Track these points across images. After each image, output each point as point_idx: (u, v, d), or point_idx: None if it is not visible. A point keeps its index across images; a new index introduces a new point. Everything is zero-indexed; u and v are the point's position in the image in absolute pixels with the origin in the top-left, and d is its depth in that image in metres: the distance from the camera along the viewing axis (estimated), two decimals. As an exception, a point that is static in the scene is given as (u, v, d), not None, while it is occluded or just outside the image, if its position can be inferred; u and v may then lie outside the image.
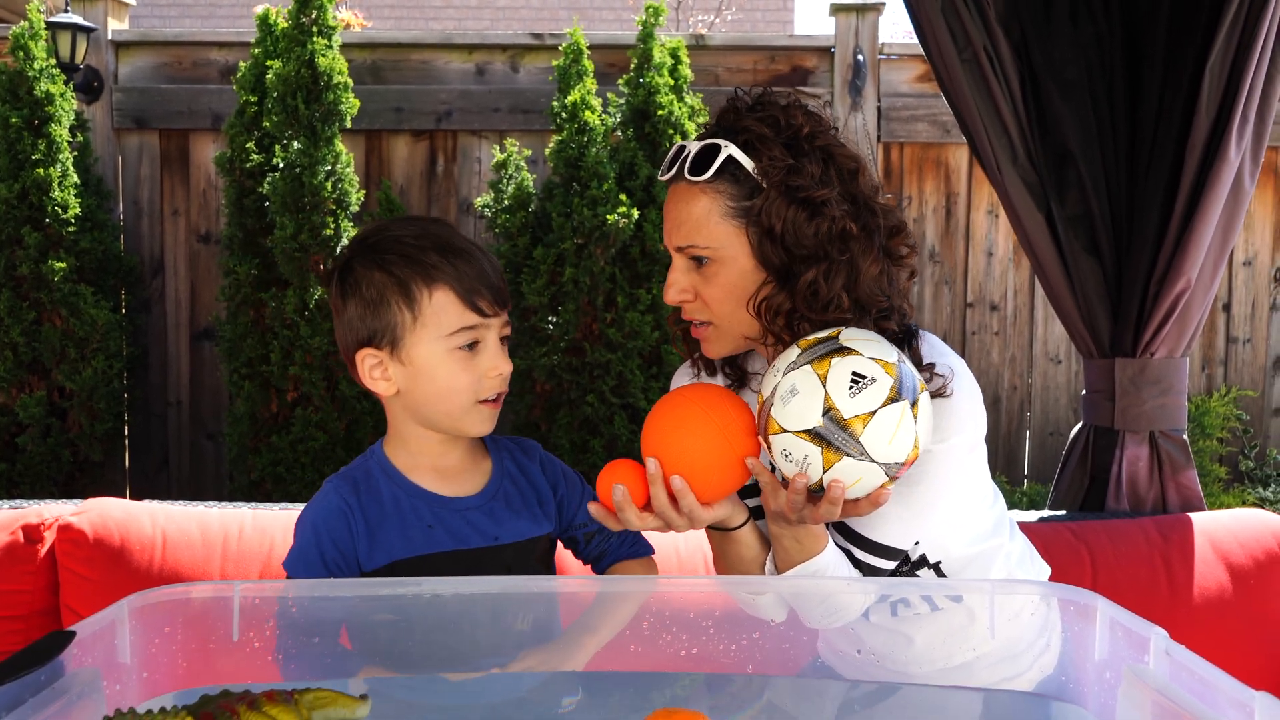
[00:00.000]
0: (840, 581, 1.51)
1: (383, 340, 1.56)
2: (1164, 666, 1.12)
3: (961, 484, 1.64)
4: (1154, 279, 2.58)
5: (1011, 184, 2.64)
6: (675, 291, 1.59)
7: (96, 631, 1.16)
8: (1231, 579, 2.37)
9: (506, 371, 1.58)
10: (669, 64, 4.50)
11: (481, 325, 1.55)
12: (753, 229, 1.54)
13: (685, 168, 1.56)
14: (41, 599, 2.29)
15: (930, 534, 1.62)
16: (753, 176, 1.54)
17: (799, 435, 1.38)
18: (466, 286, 1.54)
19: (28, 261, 4.40)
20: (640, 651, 1.30)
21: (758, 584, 1.50)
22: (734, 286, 1.57)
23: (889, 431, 1.36)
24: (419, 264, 1.54)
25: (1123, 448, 2.66)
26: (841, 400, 1.36)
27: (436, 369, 1.54)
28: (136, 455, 5.09)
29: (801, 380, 1.39)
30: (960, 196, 5.13)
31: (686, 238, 1.56)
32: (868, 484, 1.40)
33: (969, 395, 1.60)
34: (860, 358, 1.38)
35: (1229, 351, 5.19)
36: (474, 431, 1.60)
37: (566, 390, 4.37)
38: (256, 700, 1.14)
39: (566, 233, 4.27)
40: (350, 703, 1.19)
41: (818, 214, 1.52)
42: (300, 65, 4.31)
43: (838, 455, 1.37)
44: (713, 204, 1.55)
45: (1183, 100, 2.54)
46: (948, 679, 1.58)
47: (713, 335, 1.61)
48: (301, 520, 1.59)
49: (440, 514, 1.58)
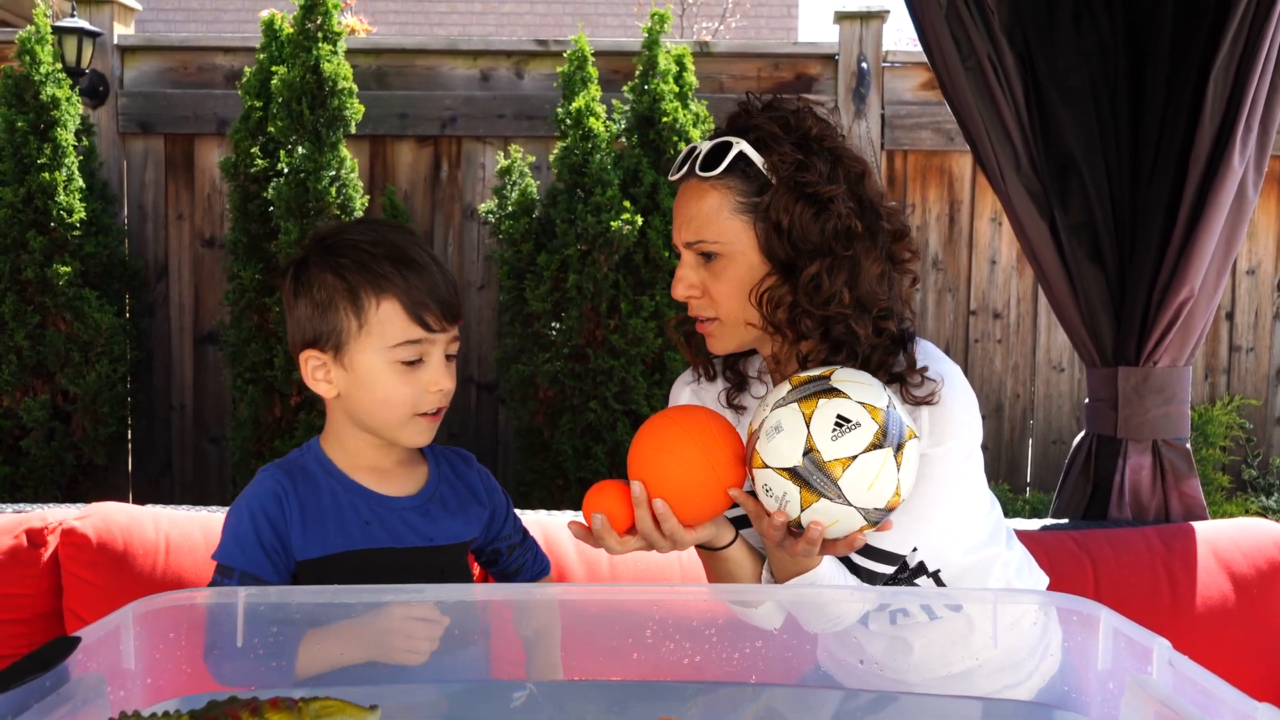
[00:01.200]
0: (842, 590, 1.50)
1: (327, 343, 1.55)
2: (1167, 677, 1.12)
3: (958, 489, 1.64)
4: (1157, 287, 2.58)
5: (1015, 192, 2.64)
6: (683, 287, 1.61)
7: (101, 637, 1.16)
8: (1234, 588, 2.37)
9: (447, 388, 1.57)
10: (674, 71, 4.51)
11: (426, 340, 1.55)
12: (760, 224, 1.56)
13: (696, 165, 1.59)
14: (44, 603, 2.29)
15: (928, 540, 1.62)
16: (762, 173, 1.56)
17: (779, 472, 1.39)
18: (414, 300, 1.53)
19: (33, 265, 4.41)
20: (642, 659, 1.30)
21: (757, 592, 1.50)
22: (741, 281, 1.58)
23: (869, 478, 1.36)
24: (370, 272, 1.53)
25: (1125, 456, 2.66)
26: (823, 442, 1.36)
27: (377, 379, 1.54)
28: (140, 459, 5.09)
29: (787, 418, 1.39)
30: (964, 204, 5.14)
31: (696, 233, 1.58)
32: (845, 526, 1.40)
33: (963, 402, 1.61)
34: (847, 400, 1.38)
35: (1232, 360, 5.18)
36: (411, 443, 1.60)
37: (569, 396, 4.37)
38: (260, 707, 1.14)
39: (570, 239, 4.27)
40: (358, 712, 1.19)
41: (824, 211, 1.55)
42: (305, 71, 4.32)
43: (816, 496, 1.37)
44: (723, 200, 1.57)
45: (1186, 109, 2.54)
46: (947, 687, 1.58)
47: (718, 331, 1.63)
48: (236, 508, 1.58)
49: (378, 511, 1.59)
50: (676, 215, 1.63)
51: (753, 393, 1.74)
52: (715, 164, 1.57)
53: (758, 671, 1.35)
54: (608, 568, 2.17)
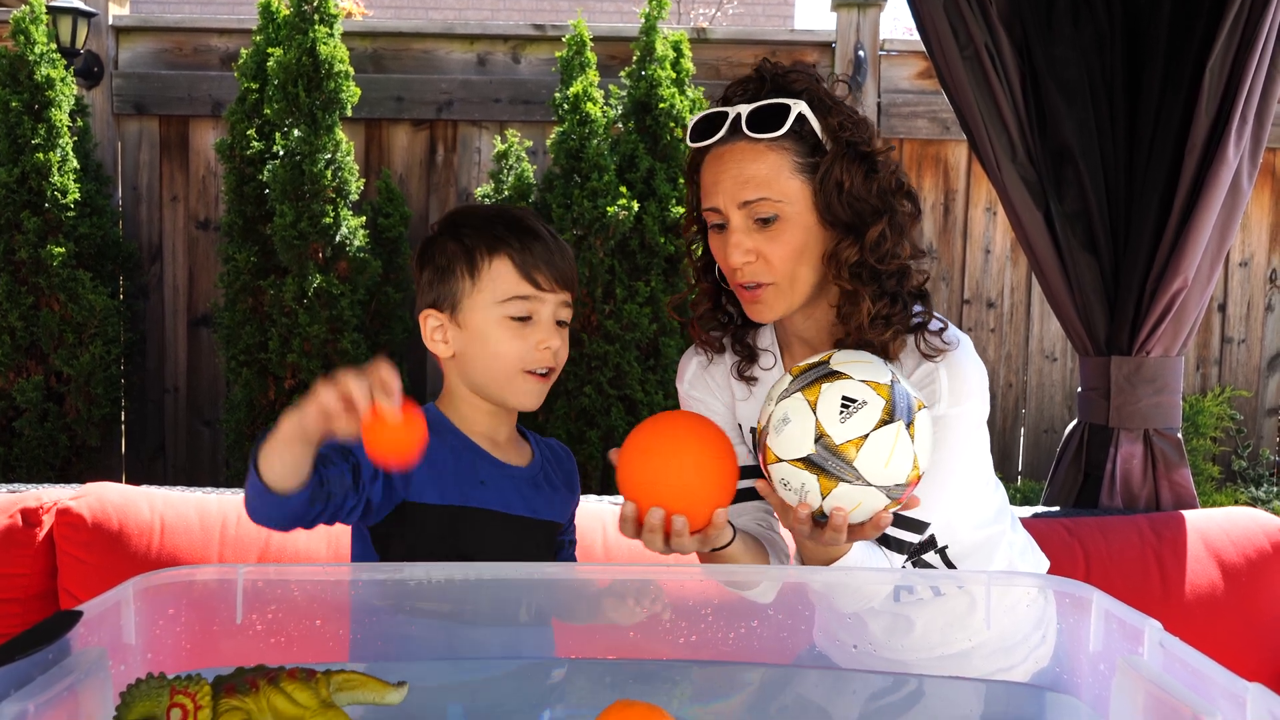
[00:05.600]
0: (839, 574, 1.51)
1: (445, 303, 1.64)
2: (1158, 658, 1.13)
3: (973, 454, 1.66)
4: (1151, 277, 2.60)
5: (1010, 181, 2.65)
6: (740, 253, 1.58)
7: (102, 612, 1.17)
8: (1224, 577, 2.39)
9: (555, 346, 1.63)
10: (671, 57, 4.51)
11: (535, 298, 1.61)
12: (819, 186, 1.56)
13: (744, 125, 1.57)
14: (39, 582, 2.30)
15: (944, 507, 1.63)
16: (816, 135, 1.57)
17: (794, 464, 1.37)
18: (525, 259, 1.61)
19: (27, 246, 4.40)
20: (639, 639, 1.31)
21: (757, 573, 1.51)
22: (799, 243, 1.58)
23: (884, 454, 1.35)
24: (487, 235, 1.62)
25: (1117, 445, 2.67)
26: (832, 426, 1.35)
27: (488, 334, 1.61)
28: (133, 441, 5.09)
29: (793, 408, 1.38)
30: (959, 193, 5.15)
31: (755, 192, 1.56)
32: (869, 508, 1.38)
33: (976, 365, 1.63)
34: (851, 381, 1.37)
35: (1224, 351, 5.21)
36: (520, 402, 1.64)
37: (564, 381, 4.38)
38: (277, 676, 1.15)
39: (566, 224, 4.27)
40: (381, 688, 1.19)
41: (874, 170, 1.58)
42: (301, 53, 4.31)
43: (834, 482, 1.36)
44: (781, 160, 1.56)
45: (1182, 100, 2.54)
46: (945, 668, 1.59)
47: (772, 296, 1.60)
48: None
49: (494, 474, 1.64)
50: (722, 179, 1.58)
51: (762, 364, 1.74)
52: (773, 125, 1.56)
53: (753, 651, 1.35)
54: (601, 549, 2.18)
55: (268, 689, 1.13)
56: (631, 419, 4.33)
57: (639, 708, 1.24)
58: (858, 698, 1.45)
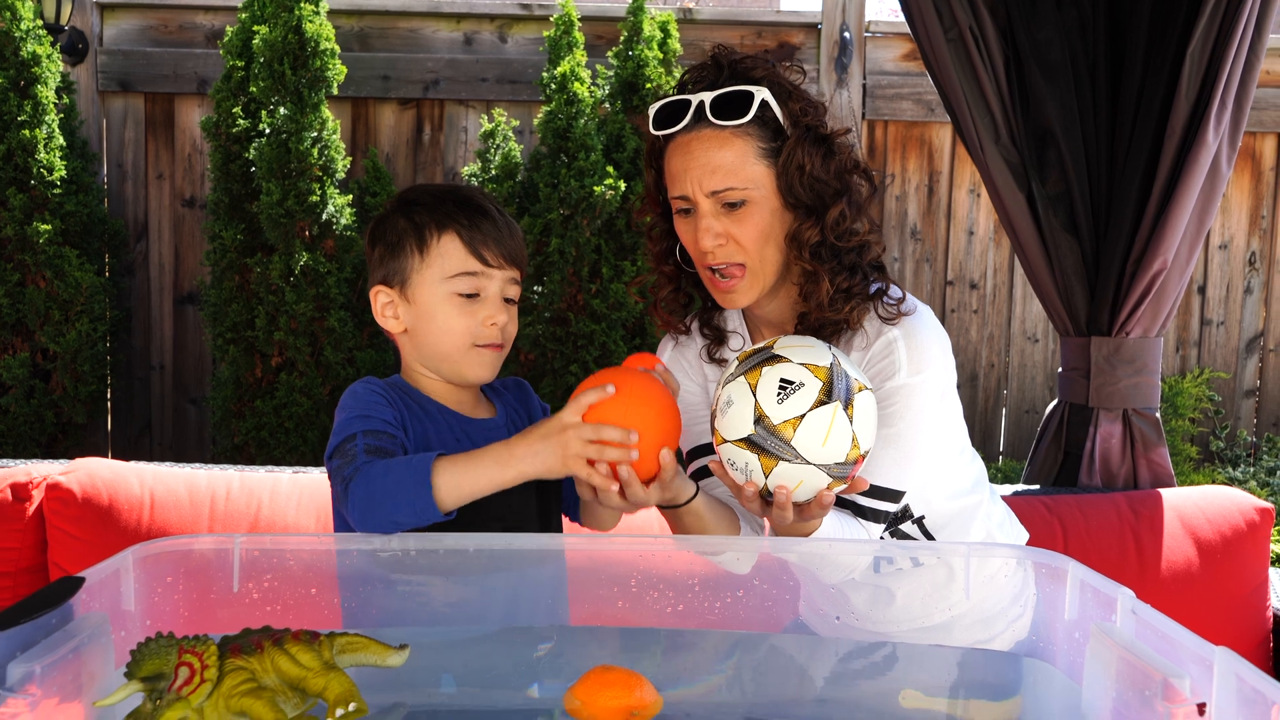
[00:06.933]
0: (842, 543, 1.54)
1: (394, 279, 1.66)
2: (1130, 625, 1.17)
3: (938, 422, 1.70)
4: (1131, 259, 2.63)
5: (993, 163, 2.68)
6: (711, 238, 1.62)
7: (103, 579, 1.19)
8: (1199, 553, 2.43)
9: (501, 322, 1.64)
10: (658, 37, 4.51)
11: (482, 274, 1.63)
12: (781, 169, 1.61)
13: (708, 113, 1.61)
14: (29, 556, 2.32)
15: (913, 477, 1.67)
16: (778, 120, 1.62)
17: (737, 444, 1.43)
18: (473, 236, 1.63)
19: (12, 223, 4.39)
20: (627, 608, 1.34)
21: (729, 544, 1.54)
22: (766, 226, 1.63)
23: (821, 433, 1.39)
24: (436, 212, 1.64)
25: (1097, 425, 2.71)
26: (770, 406, 1.40)
27: (436, 309, 1.63)
28: (119, 418, 5.10)
29: (736, 391, 1.43)
30: (943, 175, 5.18)
31: (723, 181, 1.61)
32: (811, 486, 1.43)
33: (935, 335, 1.68)
34: (789, 364, 1.42)
35: (1203, 333, 5.26)
36: (473, 377, 1.66)
37: (550, 360, 4.40)
38: (281, 638, 1.17)
39: (553, 203, 4.29)
40: (383, 650, 1.22)
41: (832, 152, 1.63)
42: (287, 30, 4.30)
43: (774, 460, 1.41)
44: (746, 147, 1.61)
45: (1163, 84, 2.58)
46: (926, 638, 1.63)
47: (744, 284, 1.65)
48: (352, 396, 1.60)
49: (467, 430, 1.66)
50: (692, 167, 1.63)
51: (731, 346, 1.78)
52: (738, 113, 1.60)
53: (739, 621, 1.39)
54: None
55: (272, 650, 1.16)
56: (617, 398, 4.35)
57: (617, 672, 1.27)
58: (837, 662, 1.49)
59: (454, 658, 1.35)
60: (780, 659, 1.44)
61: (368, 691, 1.18)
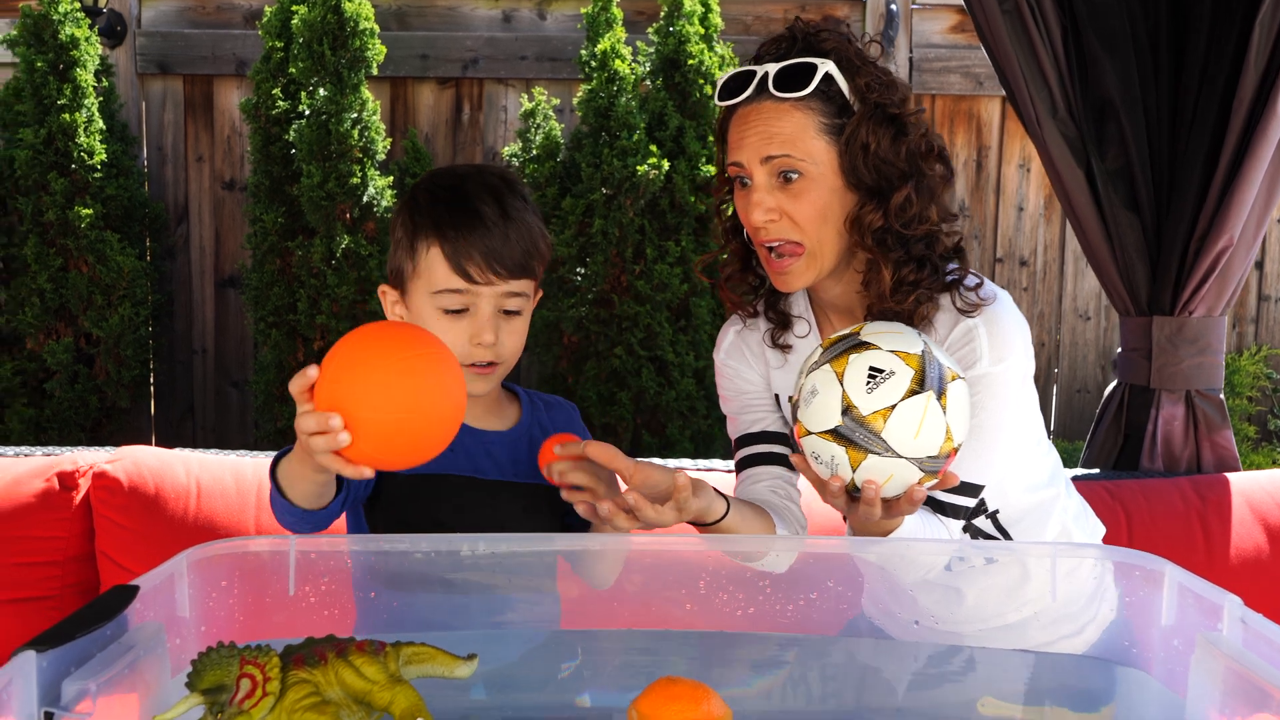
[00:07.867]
0: (925, 543, 1.49)
1: (397, 280, 1.63)
2: (1238, 634, 1.11)
3: (1020, 413, 1.64)
4: (1195, 236, 2.56)
5: (1050, 137, 2.61)
6: (762, 211, 1.56)
7: (156, 585, 1.16)
8: (1269, 540, 2.37)
9: (489, 341, 1.56)
10: (699, 12, 4.44)
11: (469, 291, 1.55)
12: (844, 147, 1.55)
13: (770, 85, 1.55)
14: (77, 545, 2.31)
15: (993, 469, 1.61)
16: (844, 95, 1.55)
17: (823, 436, 1.36)
18: (457, 249, 1.54)
19: (54, 208, 4.39)
20: (696, 610, 1.30)
21: (762, 543, 1.50)
22: (822, 204, 1.56)
23: (913, 425, 1.33)
24: (426, 216, 1.57)
25: (1158, 406, 2.65)
26: (859, 397, 1.33)
27: (426, 322, 1.57)
28: (162, 402, 5.11)
29: (821, 380, 1.37)
30: (991, 150, 5.08)
31: (781, 148, 1.54)
32: (901, 480, 1.36)
33: (1017, 322, 1.62)
34: (879, 351, 1.35)
35: (1260, 310, 5.15)
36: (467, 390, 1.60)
37: (594, 342, 4.36)
38: (346, 649, 1.14)
39: (595, 183, 4.24)
40: (451, 661, 1.18)
41: (903, 133, 1.56)
42: (326, 10, 4.27)
43: (863, 454, 1.34)
44: (807, 120, 1.55)
45: (1230, 55, 2.50)
46: (999, 639, 1.58)
47: (799, 265, 1.59)
48: None
49: (461, 439, 1.55)
50: (749, 134, 1.57)
51: (796, 331, 1.72)
52: (799, 85, 1.54)
53: (810, 624, 1.34)
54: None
55: (336, 662, 1.13)
56: (662, 380, 4.31)
57: (683, 684, 1.21)
58: (911, 666, 1.44)
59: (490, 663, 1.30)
60: (851, 663, 1.39)
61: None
